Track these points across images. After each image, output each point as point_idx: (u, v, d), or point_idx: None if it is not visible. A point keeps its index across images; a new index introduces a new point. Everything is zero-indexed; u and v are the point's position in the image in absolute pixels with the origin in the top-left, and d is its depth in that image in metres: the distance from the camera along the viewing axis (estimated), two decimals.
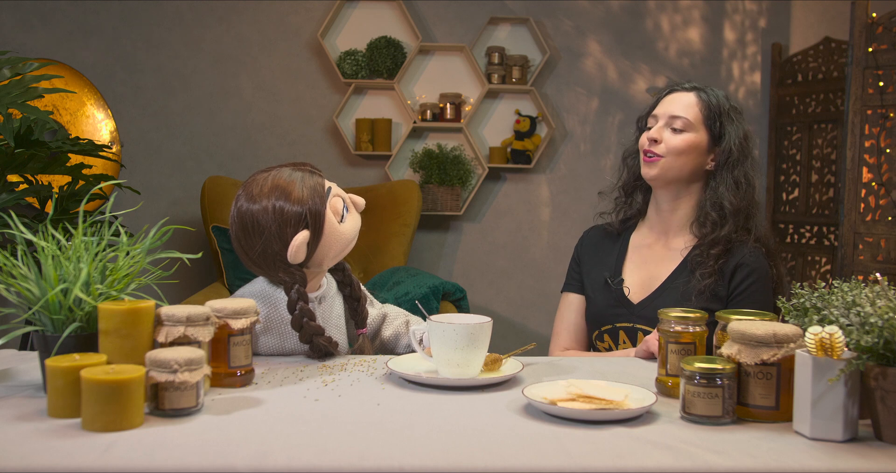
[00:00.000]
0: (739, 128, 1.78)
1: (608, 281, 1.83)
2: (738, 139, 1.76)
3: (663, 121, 1.78)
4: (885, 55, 3.10)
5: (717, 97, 1.79)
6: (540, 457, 1.00)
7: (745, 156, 1.77)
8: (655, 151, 1.77)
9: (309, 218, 1.47)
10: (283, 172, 1.52)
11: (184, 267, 3.61)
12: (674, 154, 1.76)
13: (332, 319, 1.61)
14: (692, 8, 4.00)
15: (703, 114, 1.77)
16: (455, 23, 3.93)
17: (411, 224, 3.66)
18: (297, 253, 1.47)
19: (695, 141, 1.76)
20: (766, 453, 1.03)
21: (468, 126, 3.92)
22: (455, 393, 1.29)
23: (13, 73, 2.18)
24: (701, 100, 1.78)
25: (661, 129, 1.78)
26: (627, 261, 1.86)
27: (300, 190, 1.48)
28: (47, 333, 1.21)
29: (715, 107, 1.78)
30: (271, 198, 1.47)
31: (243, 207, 1.49)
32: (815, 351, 1.08)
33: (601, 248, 1.91)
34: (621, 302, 1.80)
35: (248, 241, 1.49)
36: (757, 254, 1.74)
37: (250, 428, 1.09)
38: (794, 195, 3.86)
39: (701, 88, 1.81)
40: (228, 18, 3.89)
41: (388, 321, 1.73)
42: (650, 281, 1.80)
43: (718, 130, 1.77)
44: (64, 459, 0.97)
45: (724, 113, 1.78)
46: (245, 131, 3.94)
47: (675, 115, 1.77)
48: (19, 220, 1.29)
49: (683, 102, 1.79)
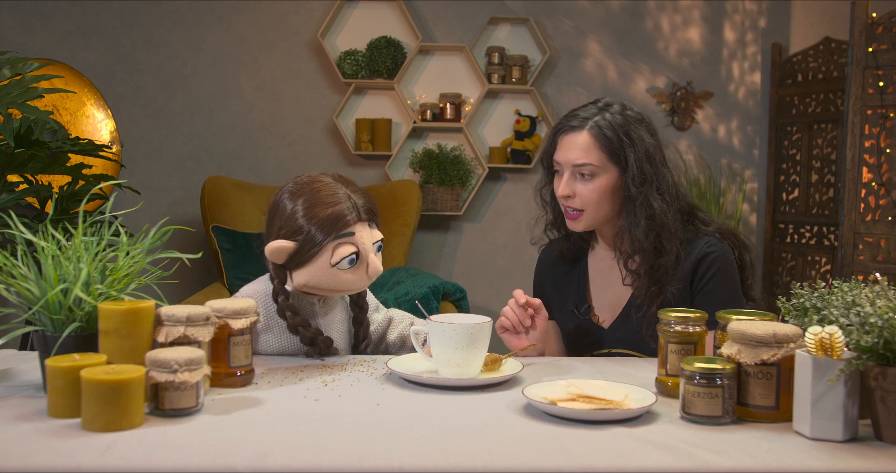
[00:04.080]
0: (640, 146, 1.64)
1: (574, 310, 1.77)
2: (640, 160, 1.64)
3: (568, 171, 1.66)
4: (885, 55, 3.10)
5: (610, 123, 1.65)
6: (540, 457, 1.00)
7: (656, 169, 1.66)
8: (574, 206, 1.68)
9: (302, 236, 1.47)
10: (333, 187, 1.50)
11: (184, 267, 3.61)
12: (593, 205, 1.66)
13: (335, 323, 1.62)
14: (692, 8, 4.00)
15: (605, 151, 1.64)
16: (455, 23, 3.93)
17: (411, 224, 3.66)
18: (273, 254, 1.48)
19: (607, 184, 1.65)
20: (766, 453, 1.03)
21: (468, 126, 3.92)
22: (455, 393, 1.29)
23: (13, 73, 2.18)
24: (596, 138, 1.64)
25: (569, 182, 1.66)
26: (591, 285, 1.78)
27: (322, 210, 1.46)
28: (47, 333, 1.21)
29: (613, 138, 1.64)
30: (301, 199, 1.49)
31: (281, 192, 1.53)
32: (815, 351, 1.08)
33: (561, 274, 1.83)
34: (592, 330, 1.74)
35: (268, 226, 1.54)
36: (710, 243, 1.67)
37: (250, 428, 1.09)
38: (794, 195, 3.86)
39: (590, 117, 1.67)
40: (228, 18, 3.89)
41: (393, 325, 1.74)
42: (617, 302, 1.74)
43: (623, 155, 1.65)
44: (64, 459, 0.97)
45: (622, 139, 1.64)
46: (245, 131, 3.94)
47: (578, 164, 1.64)
48: (19, 220, 1.29)
49: (581, 147, 1.65)
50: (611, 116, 1.67)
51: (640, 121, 1.69)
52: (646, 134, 1.67)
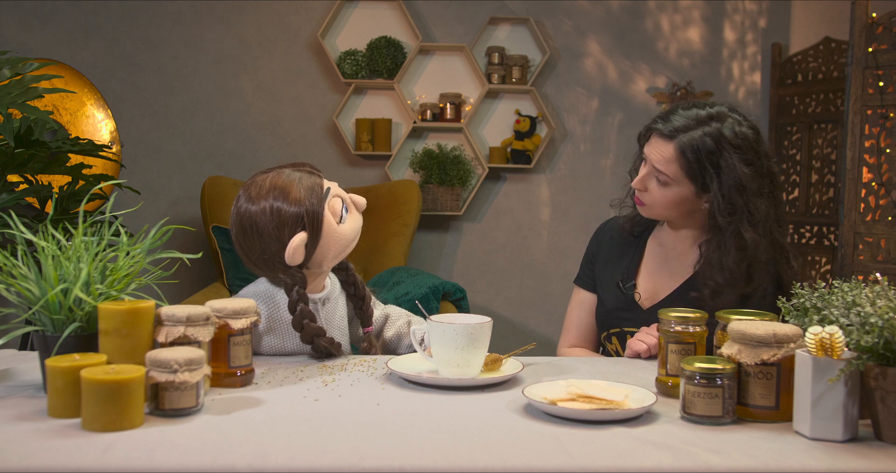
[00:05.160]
0: (728, 175, 1.60)
1: (619, 284, 1.80)
2: (729, 189, 1.60)
3: (648, 167, 1.68)
4: (885, 55, 3.10)
5: (699, 146, 1.61)
6: (540, 457, 1.00)
7: (748, 200, 1.61)
8: (642, 199, 1.71)
9: (306, 219, 1.47)
10: (283, 173, 1.52)
11: (184, 267, 3.61)
12: (659, 206, 1.69)
13: (336, 321, 1.61)
14: (692, 8, 4.00)
15: (684, 169, 1.62)
16: (455, 23, 3.93)
17: (411, 224, 3.66)
18: (295, 255, 1.47)
19: (679, 195, 1.66)
20: (766, 453, 1.03)
21: (468, 126, 3.92)
22: (455, 393, 1.29)
23: (13, 73, 2.18)
24: (681, 154, 1.62)
25: (644, 178, 1.69)
26: (642, 266, 1.81)
27: (298, 190, 1.48)
28: (47, 333, 1.21)
29: (694, 163, 1.61)
30: (269, 198, 1.47)
31: (242, 208, 1.49)
32: (815, 351, 1.08)
33: (616, 247, 1.86)
34: (631, 307, 1.77)
35: (248, 243, 1.50)
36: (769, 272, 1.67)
37: (250, 428, 1.09)
38: (794, 195, 3.86)
39: (683, 130, 1.62)
40: (228, 18, 3.89)
41: (390, 321, 1.74)
42: (662, 289, 1.76)
43: (703, 180, 1.63)
44: (64, 459, 0.97)
45: (705, 166, 1.61)
46: (245, 131, 3.94)
47: (657, 169, 1.65)
48: (19, 220, 1.29)
49: (664, 155, 1.64)
50: (703, 137, 1.61)
51: (738, 148, 1.61)
52: (740, 162, 1.60)
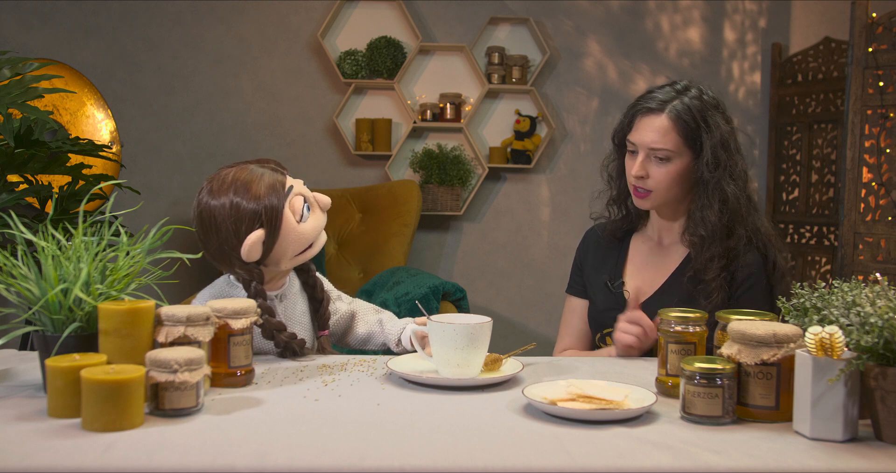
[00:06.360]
0: (716, 132, 1.67)
1: (608, 284, 1.83)
2: (715, 146, 1.67)
3: (643, 152, 1.70)
4: (885, 55, 3.10)
5: (688, 107, 1.68)
6: (540, 457, 1.00)
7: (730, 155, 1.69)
8: (645, 187, 1.71)
9: (265, 216, 1.46)
10: (246, 168, 1.51)
11: (184, 267, 3.59)
12: (664, 187, 1.71)
13: (296, 316, 1.60)
14: (692, 8, 4.00)
15: (682, 136, 1.68)
16: (455, 23, 3.93)
17: (411, 224, 3.66)
18: (251, 252, 1.47)
19: (681, 167, 1.70)
20: (766, 453, 1.03)
21: (468, 126, 3.92)
22: (455, 393, 1.29)
23: (13, 73, 2.18)
24: (675, 123, 1.67)
25: (643, 164, 1.70)
26: (628, 264, 1.85)
27: (258, 187, 1.47)
28: (47, 333, 1.21)
29: (691, 123, 1.67)
30: (230, 193, 1.47)
31: (203, 201, 1.50)
32: (815, 351, 1.08)
33: (602, 250, 1.89)
34: (621, 305, 1.78)
35: (207, 236, 1.51)
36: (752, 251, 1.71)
37: (250, 428, 1.09)
38: (794, 195, 3.86)
39: (669, 100, 1.69)
40: (228, 18, 3.89)
41: (359, 318, 1.70)
42: (650, 284, 1.79)
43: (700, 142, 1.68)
44: (64, 459, 0.97)
45: (699, 124, 1.67)
46: (245, 131, 3.94)
47: (655, 147, 1.68)
48: (19, 220, 1.29)
49: (659, 130, 1.68)
50: (689, 101, 1.69)
51: (716, 108, 1.72)
52: (721, 120, 1.70)
